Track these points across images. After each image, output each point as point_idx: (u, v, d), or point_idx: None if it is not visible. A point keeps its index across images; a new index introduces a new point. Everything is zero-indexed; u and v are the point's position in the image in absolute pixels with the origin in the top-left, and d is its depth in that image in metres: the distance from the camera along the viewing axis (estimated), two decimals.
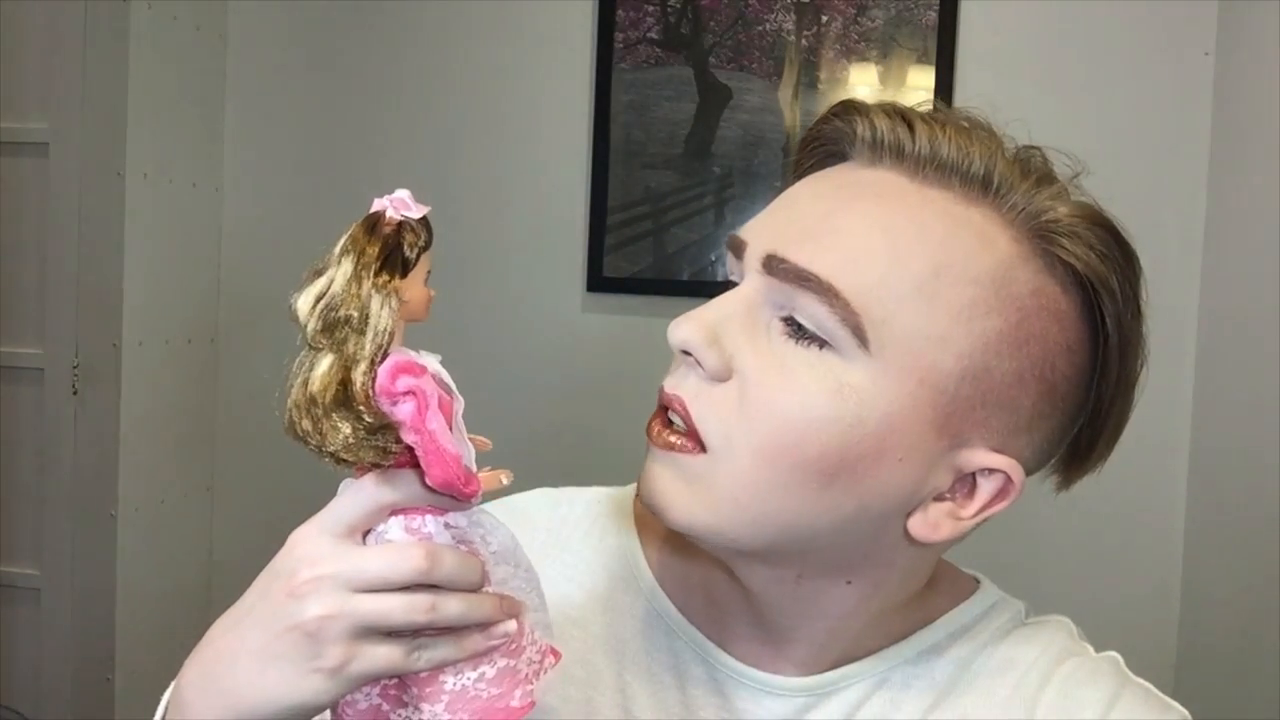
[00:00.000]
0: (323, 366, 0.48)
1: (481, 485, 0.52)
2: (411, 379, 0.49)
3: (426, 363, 0.50)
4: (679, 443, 0.60)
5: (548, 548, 0.74)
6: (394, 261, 0.49)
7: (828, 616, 0.65)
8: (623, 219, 2.06)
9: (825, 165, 0.65)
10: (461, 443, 0.51)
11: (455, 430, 0.51)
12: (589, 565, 0.73)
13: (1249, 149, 1.77)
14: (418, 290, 0.51)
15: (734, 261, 0.63)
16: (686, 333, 0.59)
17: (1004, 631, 0.69)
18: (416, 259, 0.50)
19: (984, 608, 0.69)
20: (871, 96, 1.95)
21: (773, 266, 0.59)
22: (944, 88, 1.93)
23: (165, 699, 0.62)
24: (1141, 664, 0.69)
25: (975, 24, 1.95)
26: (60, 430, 2.00)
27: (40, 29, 1.97)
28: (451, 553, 0.52)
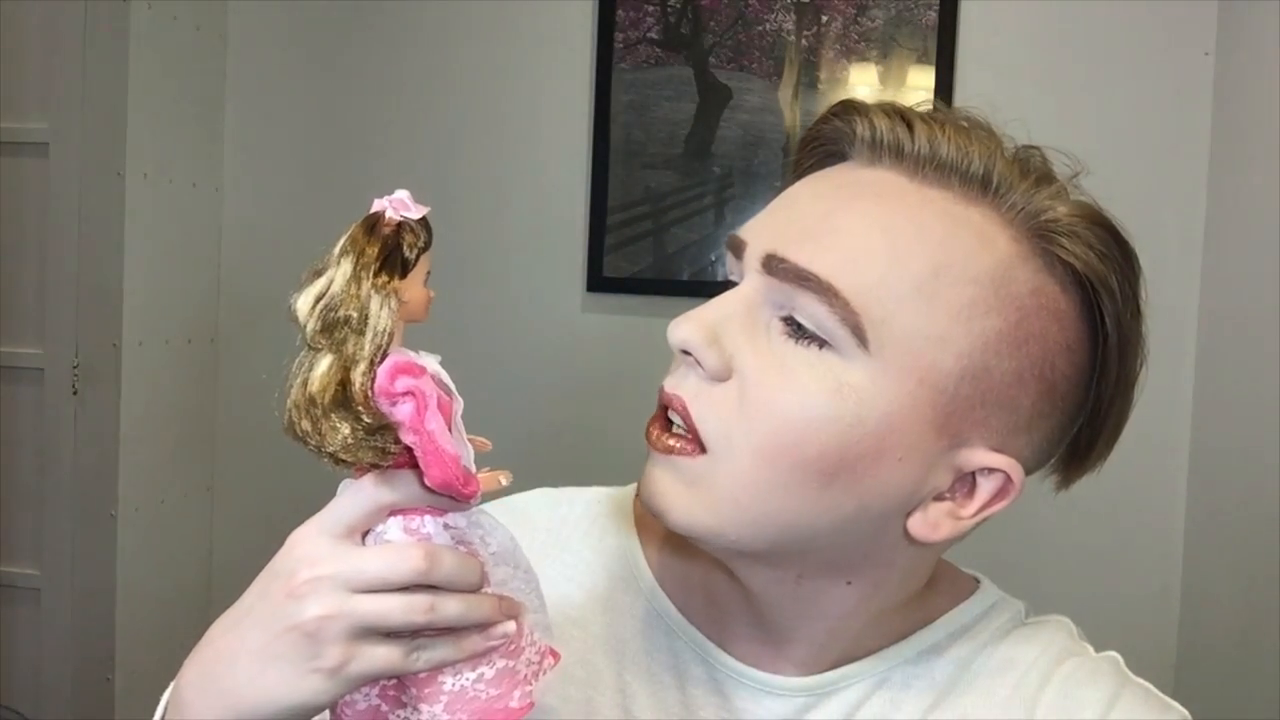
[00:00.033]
0: (322, 367, 0.48)
1: (480, 486, 0.52)
2: (410, 379, 0.49)
3: (426, 363, 0.50)
4: (678, 446, 0.60)
5: (547, 548, 0.74)
6: (393, 262, 0.50)
7: (828, 616, 0.65)
8: (623, 219, 2.06)
9: (825, 165, 0.65)
10: (461, 443, 0.51)
11: (454, 431, 0.51)
12: (589, 565, 0.73)
13: (1249, 149, 1.77)
14: (417, 291, 0.51)
15: (734, 261, 0.63)
16: (686, 332, 0.59)
17: (1004, 631, 0.69)
18: (416, 260, 0.50)
19: (984, 608, 0.69)
20: (871, 96, 1.95)
21: (772, 266, 0.59)
22: (944, 88, 1.93)
23: (165, 699, 0.62)
24: (1141, 664, 0.69)
25: (975, 24, 1.94)
26: (60, 430, 2.00)
27: (40, 29, 1.97)
28: (450, 553, 0.52)
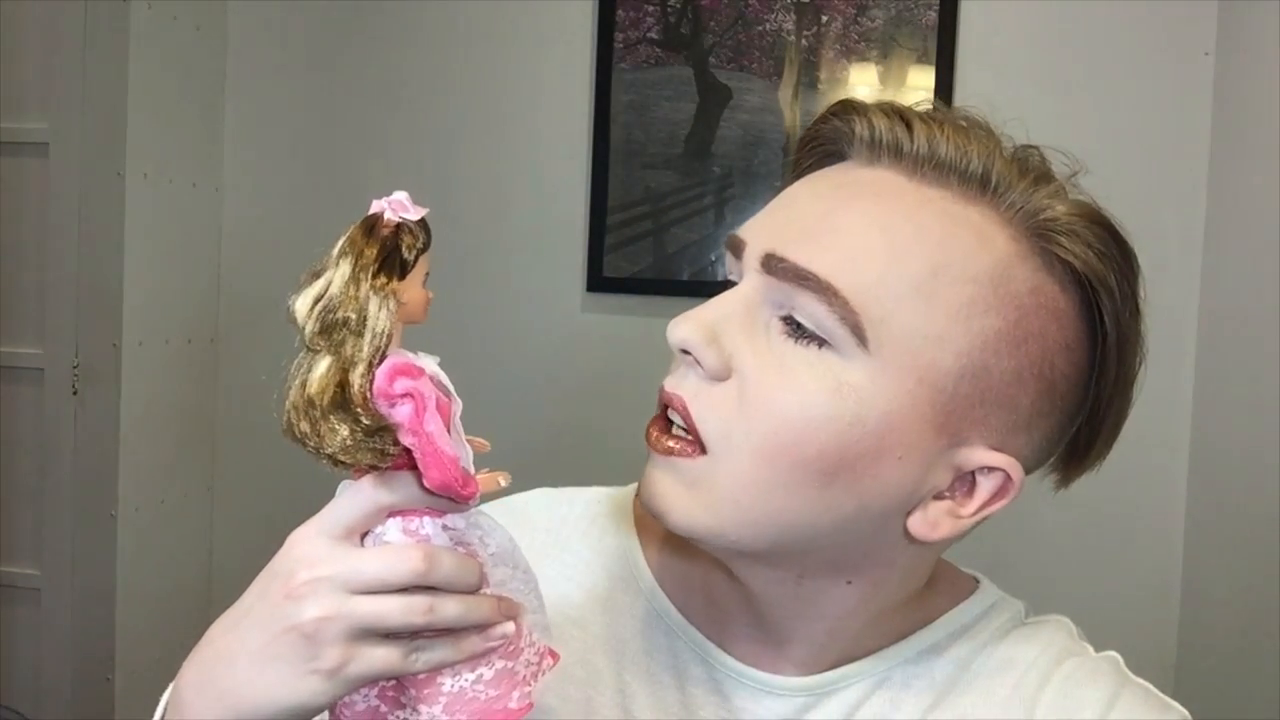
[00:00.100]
0: (320, 368, 0.48)
1: (479, 487, 0.52)
2: (409, 381, 0.49)
3: (424, 364, 0.50)
4: (678, 447, 0.60)
5: (547, 548, 0.74)
6: (392, 263, 0.49)
7: (827, 616, 0.65)
8: (623, 219, 2.06)
9: (824, 165, 0.65)
10: (459, 444, 0.51)
11: (453, 432, 0.51)
12: (588, 565, 0.73)
13: (1249, 149, 1.77)
14: (416, 292, 0.51)
15: (733, 261, 0.63)
16: (685, 332, 0.59)
17: (1003, 631, 0.69)
18: (415, 261, 0.50)
19: (983, 607, 0.69)
20: (871, 96, 1.95)
21: (772, 266, 0.59)
22: (944, 88, 1.93)
23: (164, 699, 0.62)
24: (1141, 664, 0.69)
25: (975, 24, 1.94)
26: (60, 430, 2.00)
27: (40, 29, 1.97)
28: (449, 554, 0.52)
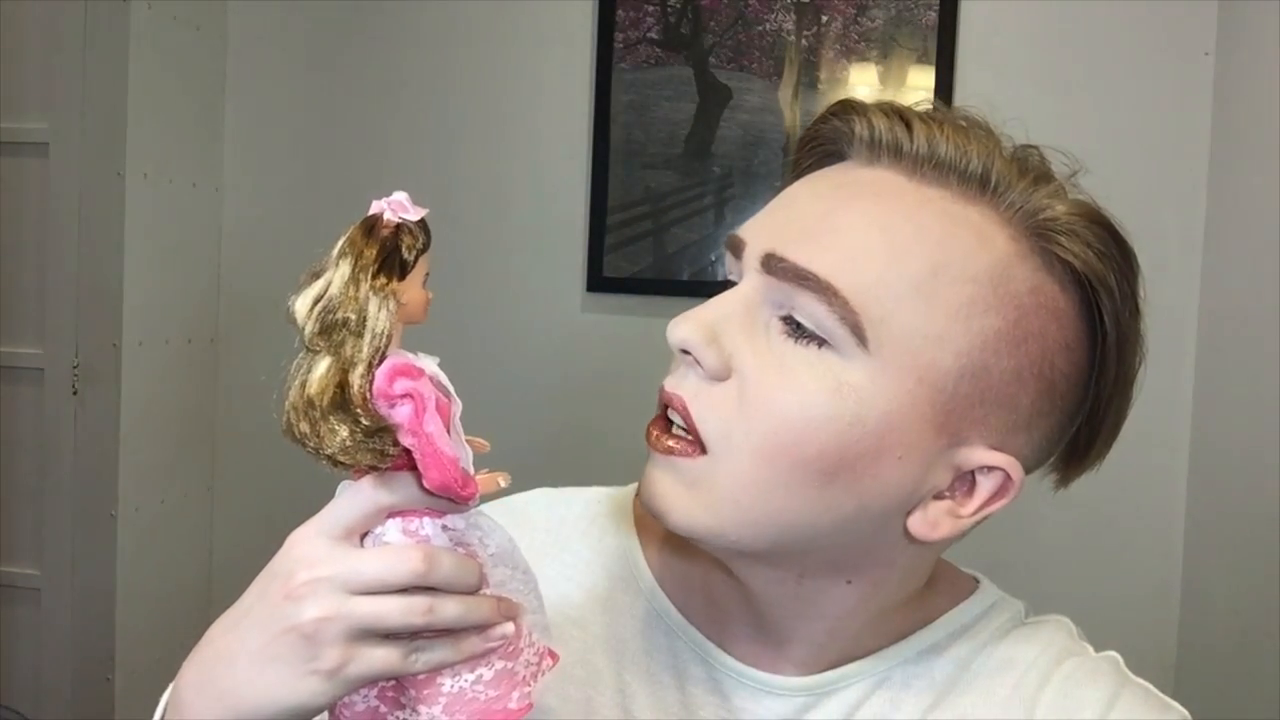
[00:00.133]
0: (320, 369, 0.48)
1: (479, 488, 0.51)
2: (409, 382, 0.49)
3: (424, 365, 0.50)
4: (678, 447, 0.60)
5: (547, 547, 0.74)
6: (392, 264, 0.49)
7: (827, 616, 0.65)
8: (623, 219, 2.06)
9: (824, 165, 0.65)
10: (459, 445, 0.51)
11: (453, 433, 0.51)
12: (588, 565, 0.73)
13: (1249, 149, 1.77)
14: (416, 293, 0.51)
15: (733, 261, 0.63)
16: (685, 332, 0.59)
17: (1003, 631, 0.69)
18: (414, 261, 0.50)
19: (983, 607, 0.69)
20: (871, 96, 1.95)
21: (771, 266, 0.59)
22: (944, 88, 1.93)
23: (164, 699, 0.62)
24: (1141, 664, 0.69)
25: (975, 24, 1.94)
26: (60, 430, 2.00)
27: (40, 29, 1.97)
28: (449, 555, 0.52)
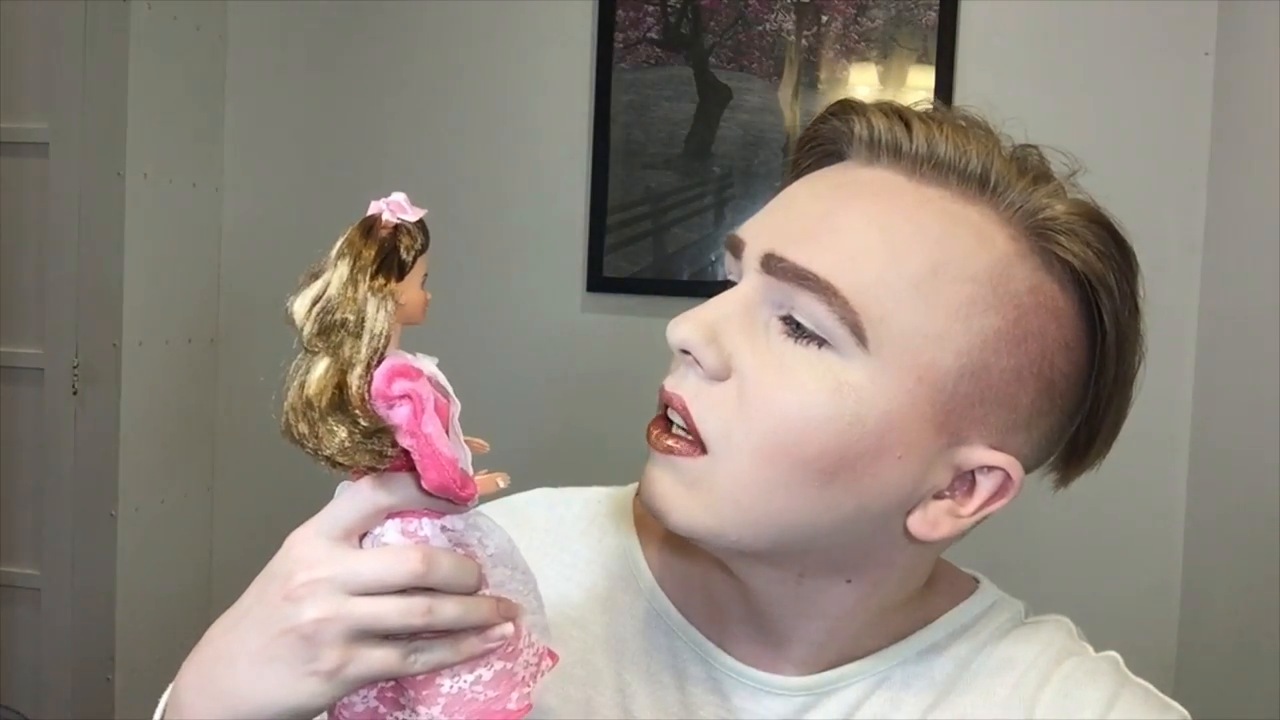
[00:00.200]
0: (319, 370, 0.49)
1: (478, 488, 0.51)
2: (407, 382, 0.49)
3: (423, 366, 0.50)
4: (678, 446, 0.60)
5: (547, 547, 0.74)
6: (390, 264, 0.49)
7: (827, 616, 0.65)
8: (623, 219, 2.06)
9: (823, 165, 0.65)
10: (458, 446, 0.51)
11: (452, 433, 0.50)
12: (588, 565, 0.73)
13: (1249, 149, 1.77)
14: (414, 293, 0.51)
15: (732, 261, 0.63)
16: (685, 332, 0.59)
17: (1003, 631, 0.69)
18: (413, 262, 0.50)
19: (983, 607, 0.69)
20: (871, 96, 1.95)
21: (771, 266, 0.59)
22: (944, 88, 1.93)
23: (164, 700, 0.62)
24: (1141, 664, 0.69)
25: (975, 24, 1.94)
26: (60, 430, 2.00)
27: (40, 29, 1.97)
28: (448, 555, 0.52)
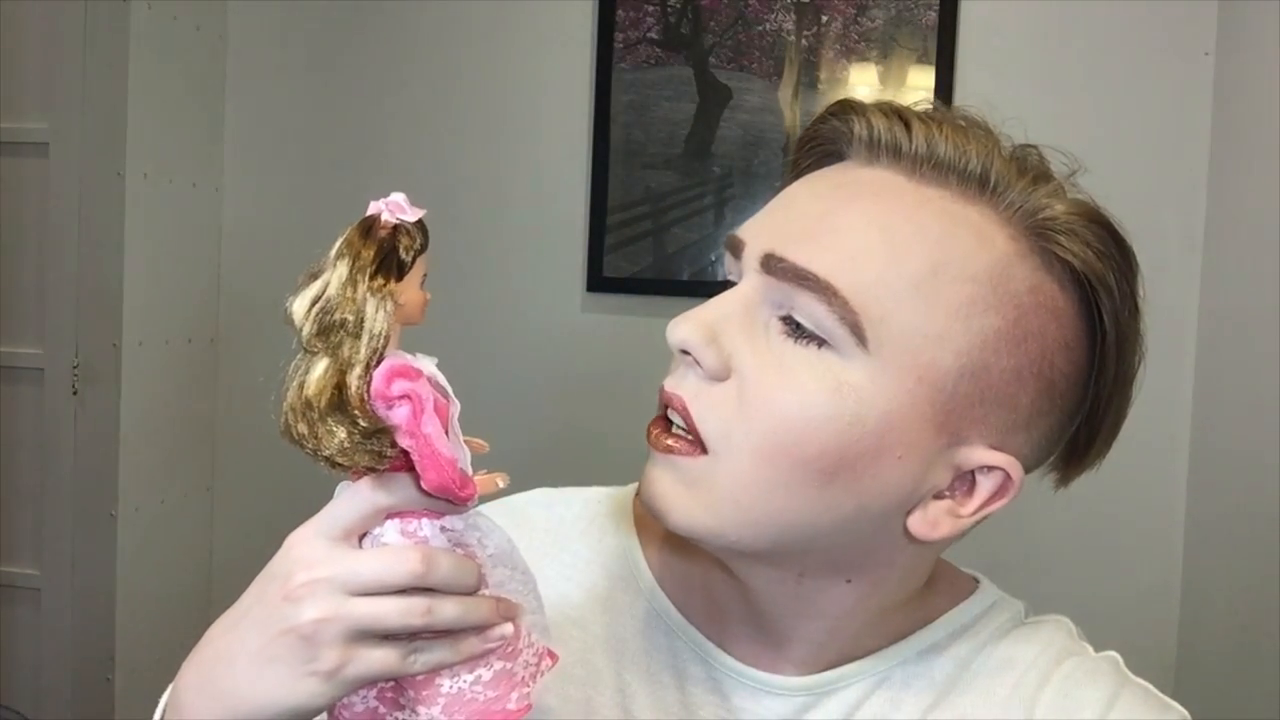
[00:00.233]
0: (318, 370, 0.49)
1: (477, 488, 0.51)
2: (407, 383, 0.49)
3: (422, 366, 0.50)
4: (678, 446, 0.60)
5: (546, 547, 0.74)
6: (389, 265, 0.49)
7: (827, 615, 0.65)
8: (623, 219, 2.06)
9: (823, 165, 0.65)
10: (457, 446, 0.51)
11: (451, 433, 0.50)
12: (588, 564, 0.73)
13: (1249, 149, 1.77)
14: (413, 293, 0.51)
15: (732, 261, 0.63)
16: (685, 332, 0.59)
17: (1003, 631, 0.69)
18: (412, 262, 0.50)
19: (983, 607, 0.69)
20: (871, 96, 1.95)
21: (771, 266, 0.59)
22: (944, 88, 1.93)
23: (164, 700, 0.62)
24: (1141, 664, 0.69)
25: (975, 24, 1.94)
26: (60, 430, 2.00)
27: (40, 29, 1.97)
28: (447, 556, 0.52)
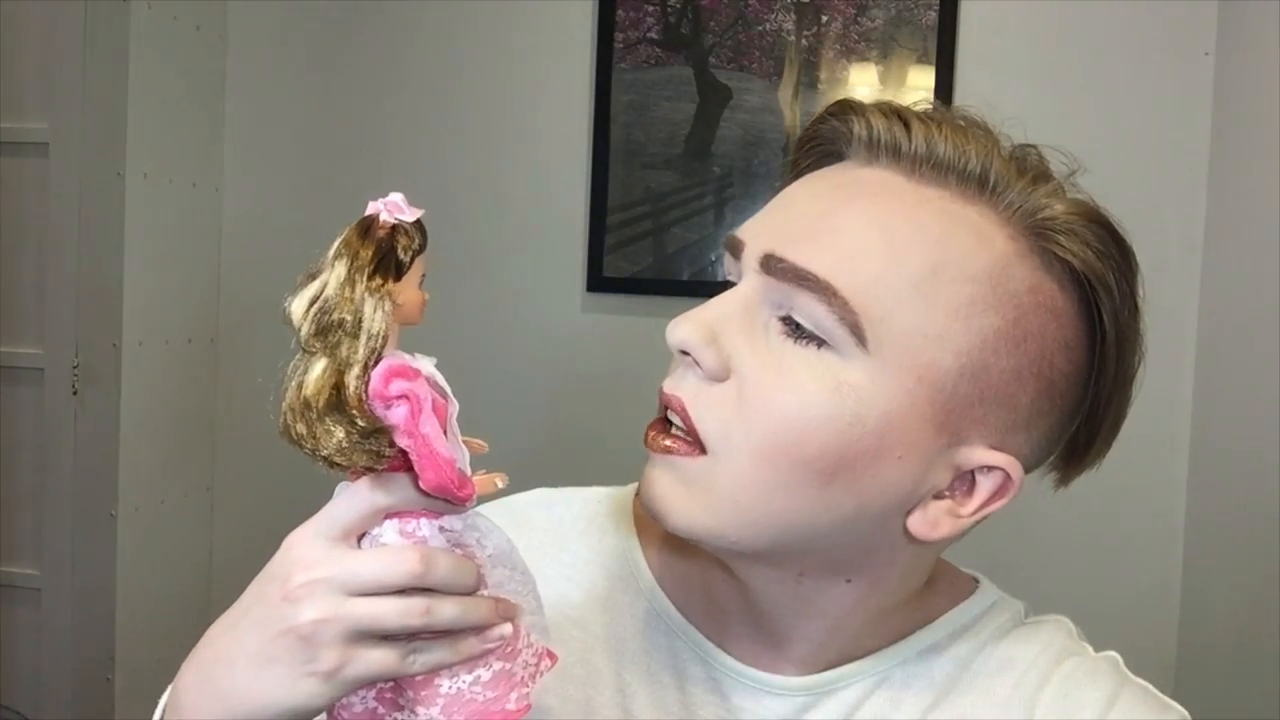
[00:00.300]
0: (316, 370, 0.49)
1: (476, 488, 0.51)
2: (405, 383, 0.49)
3: (420, 366, 0.50)
4: (676, 446, 0.60)
5: (546, 547, 0.73)
6: (388, 265, 0.49)
7: (827, 616, 0.65)
8: (623, 219, 2.06)
9: (822, 165, 0.65)
10: (456, 446, 0.51)
11: (449, 433, 0.50)
12: (587, 564, 0.73)
13: (1249, 149, 1.77)
14: (412, 293, 0.51)
15: (732, 261, 0.63)
16: (684, 333, 0.59)
17: (1003, 631, 0.69)
18: (410, 262, 0.50)
19: (983, 607, 0.69)
20: (871, 96, 1.95)
21: (771, 266, 0.59)
22: (944, 88, 1.93)
23: (163, 700, 0.62)
24: (1141, 664, 0.69)
25: (975, 24, 1.94)
26: (60, 430, 2.00)
27: (40, 29, 1.97)
28: (446, 556, 0.52)
